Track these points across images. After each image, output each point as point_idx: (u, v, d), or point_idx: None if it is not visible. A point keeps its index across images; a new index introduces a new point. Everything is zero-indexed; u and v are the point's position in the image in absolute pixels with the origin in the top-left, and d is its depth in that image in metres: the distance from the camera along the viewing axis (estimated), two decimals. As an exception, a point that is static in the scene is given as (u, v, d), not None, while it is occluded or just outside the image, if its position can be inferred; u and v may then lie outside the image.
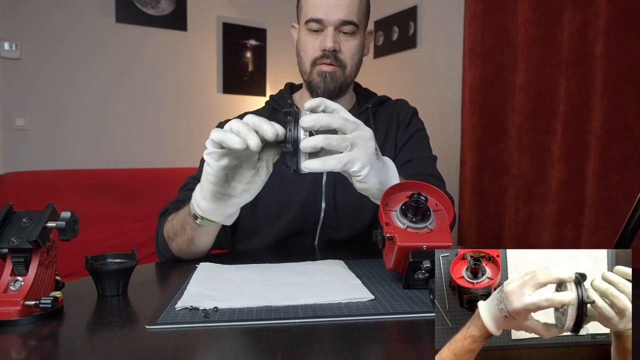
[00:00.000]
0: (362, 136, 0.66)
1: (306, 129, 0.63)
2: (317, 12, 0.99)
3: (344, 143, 0.64)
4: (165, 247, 0.89)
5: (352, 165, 0.65)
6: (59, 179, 2.38)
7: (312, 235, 1.05)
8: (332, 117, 0.64)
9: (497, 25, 2.14)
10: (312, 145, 0.62)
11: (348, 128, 0.65)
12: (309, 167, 0.63)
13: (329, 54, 1.00)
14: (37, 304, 0.53)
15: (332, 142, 0.63)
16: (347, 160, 0.64)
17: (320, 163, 0.63)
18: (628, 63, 1.67)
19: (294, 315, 0.54)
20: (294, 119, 0.64)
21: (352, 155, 0.65)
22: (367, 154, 0.67)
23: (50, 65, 2.56)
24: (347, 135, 0.65)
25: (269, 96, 1.17)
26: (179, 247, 0.86)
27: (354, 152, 0.65)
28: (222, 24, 3.08)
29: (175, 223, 0.85)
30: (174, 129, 2.94)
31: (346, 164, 0.65)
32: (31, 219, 0.56)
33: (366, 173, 0.67)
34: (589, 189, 1.76)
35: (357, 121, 0.68)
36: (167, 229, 0.88)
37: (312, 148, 0.63)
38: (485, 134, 2.20)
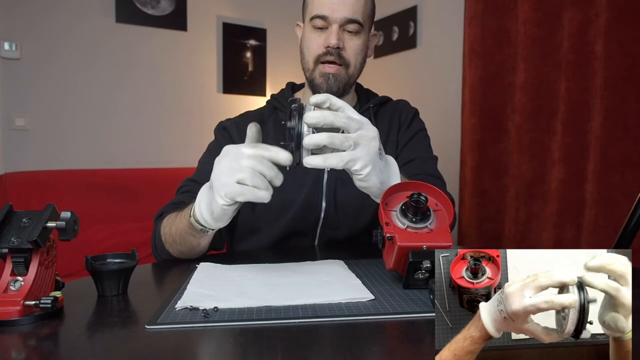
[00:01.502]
0: (365, 135, 0.67)
1: (310, 125, 0.64)
2: (322, 9, 0.99)
3: (346, 142, 0.64)
4: (163, 249, 0.89)
5: (354, 164, 0.66)
6: (59, 179, 2.38)
7: (312, 235, 1.05)
8: (336, 115, 0.65)
9: (497, 25, 2.14)
10: (314, 143, 0.63)
11: (352, 127, 0.66)
12: (311, 163, 0.64)
13: (332, 51, 1.00)
14: (37, 304, 0.53)
15: (334, 140, 0.63)
16: (349, 159, 0.65)
17: (322, 160, 0.64)
18: (628, 63, 1.67)
19: (294, 315, 0.54)
20: (298, 113, 0.64)
21: (354, 154, 0.65)
22: (370, 153, 0.67)
23: (50, 65, 2.56)
24: (350, 135, 0.65)
25: (270, 95, 1.17)
26: (180, 252, 0.87)
27: (357, 151, 0.66)
28: (222, 24, 3.08)
29: (174, 233, 0.84)
30: (174, 129, 2.93)
31: (348, 162, 0.65)
32: (31, 219, 0.56)
33: (367, 172, 0.68)
34: (589, 189, 1.76)
35: (362, 120, 0.68)
36: (165, 234, 0.88)
37: (315, 145, 0.63)
38: (485, 134, 2.20)
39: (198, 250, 0.86)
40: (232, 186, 0.65)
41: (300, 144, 0.64)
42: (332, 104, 0.67)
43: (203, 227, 0.76)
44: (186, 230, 0.80)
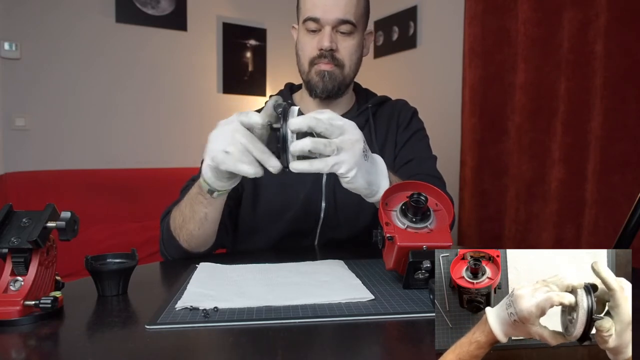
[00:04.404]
0: (348, 139, 0.68)
1: (293, 131, 0.66)
2: (314, 11, 0.99)
3: (329, 147, 0.66)
4: (171, 243, 0.89)
5: (339, 167, 0.68)
6: (59, 179, 2.38)
7: (312, 235, 1.05)
8: (318, 121, 0.67)
9: (497, 25, 2.14)
10: (299, 149, 0.66)
11: (334, 133, 0.68)
12: (297, 168, 0.67)
13: (326, 53, 1.01)
14: (37, 304, 0.53)
15: (318, 146, 0.66)
16: (334, 163, 0.67)
17: (308, 165, 0.67)
18: (628, 63, 1.67)
19: (294, 315, 0.54)
20: (283, 116, 0.67)
21: (338, 158, 0.67)
22: (355, 156, 0.69)
23: (50, 65, 2.56)
24: (333, 140, 0.67)
25: (269, 96, 1.17)
26: (189, 233, 0.86)
27: (341, 155, 0.67)
28: (222, 24, 3.08)
29: (184, 208, 0.86)
30: (174, 129, 2.93)
31: (333, 167, 0.67)
32: (31, 219, 0.56)
33: (353, 175, 0.69)
34: (589, 189, 1.76)
35: (345, 125, 0.69)
36: (174, 219, 0.89)
37: (300, 151, 0.66)
38: (485, 134, 2.20)
39: (206, 226, 0.86)
40: (219, 153, 0.69)
41: (285, 148, 0.67)
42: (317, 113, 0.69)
43: (210, 186, 0.77)
44: (196, 198, 0.82)
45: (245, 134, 0.68)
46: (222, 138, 0.69)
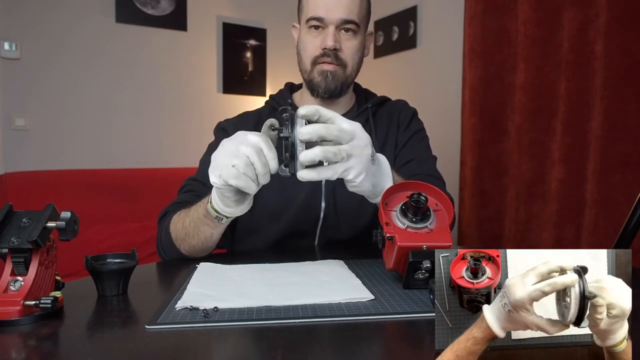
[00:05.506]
0: (358, 145, 0.68)
1: (303, 141, 0.65)
2: (318, 10, 0.99)
3: (340, 155, 0.66)
4: (171, 248, 0.89)
5: (348, 174, 0.68)
6: (59, 179, 2.38)
7: (312, 235, 1.05)
8: (328, 128, 0.65)
9: (497, 25, 2.14)
10: (309, 159, 0.64)
11: (344, 139, 0.67)
12: (306, 177, 0.66)
13: (329, 53, 1.01)
14: (37, 304, 0.53)
15: (328, 155, 0.65)
16: (343, 170, 0.67)
17: (316, 173, 0.66)
18: (628, 63, 1.66)
19: (294, 315, 0.54)
20: (290, 123, 0.65)
21: (347, 164, 0.67)
22: (363, 162, 0.69)
23: (50, 65, 2.56)
24: (343, 146, 0.66)
25: (269, 96, 1.17)
26: (191, 246, 0.87)
27: (350, 161, 0.67)
28: (222, 24, 3.08)
29: (187, 225, 0.85)
30: (174, 129, 2.93)
31: (341, 173, 0.67)
32: (31, 219, 0.56)
33: (361, 180, 0.69)
34: (589, 189, 1.76)
35: (354, 128, 0.68)
36: (175, 230, 0.88)
37: (310, 161, 0.65)
38: (485, 134, 2.20)
39: (210, 243, 0.87)
40: (228, 169, 0.67)
41: (294, 155, 0.65)
42: (321, 116, 0.67)
43: (218, 213, 0.77)
44: (201, 220, 0.82)
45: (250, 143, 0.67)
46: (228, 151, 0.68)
